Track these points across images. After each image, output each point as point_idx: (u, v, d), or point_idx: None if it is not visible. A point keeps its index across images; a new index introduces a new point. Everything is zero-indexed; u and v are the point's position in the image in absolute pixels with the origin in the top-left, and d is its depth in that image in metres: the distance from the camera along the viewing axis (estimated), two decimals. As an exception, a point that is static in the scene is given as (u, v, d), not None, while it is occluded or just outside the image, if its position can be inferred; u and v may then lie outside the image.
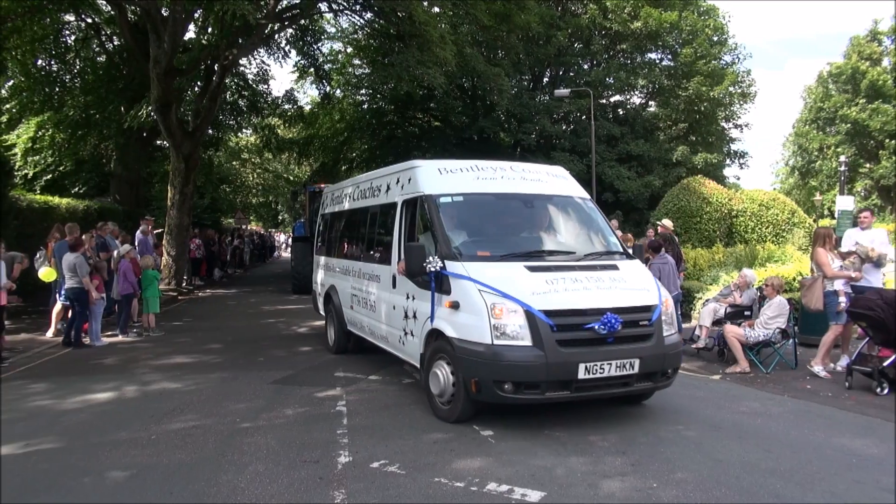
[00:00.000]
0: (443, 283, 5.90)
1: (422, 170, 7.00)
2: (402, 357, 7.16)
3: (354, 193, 9.25)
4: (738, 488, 4.46)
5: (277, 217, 56.71)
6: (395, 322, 7.07)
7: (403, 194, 7.16)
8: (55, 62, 21.35)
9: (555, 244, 6.78)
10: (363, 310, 8.25)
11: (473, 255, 6.02)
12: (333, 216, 10.47)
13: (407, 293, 6.70)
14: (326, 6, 19.73)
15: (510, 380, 5.34)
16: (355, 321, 8.66)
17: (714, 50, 28.87)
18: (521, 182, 7.02)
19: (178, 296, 17.23)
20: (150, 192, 25.34)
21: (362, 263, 8.40)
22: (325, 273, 10.36)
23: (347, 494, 4.37)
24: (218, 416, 6.28)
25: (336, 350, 9.38)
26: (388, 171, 8.06)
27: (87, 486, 4.56)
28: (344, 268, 9.30)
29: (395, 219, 7.22)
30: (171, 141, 18.38)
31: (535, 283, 5.61)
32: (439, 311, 5.93)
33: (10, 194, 13.94)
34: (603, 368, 5.42)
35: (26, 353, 9.42)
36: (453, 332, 5.67)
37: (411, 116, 29.31)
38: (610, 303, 5.58)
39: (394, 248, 7.13)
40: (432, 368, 6.06)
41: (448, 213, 6.47)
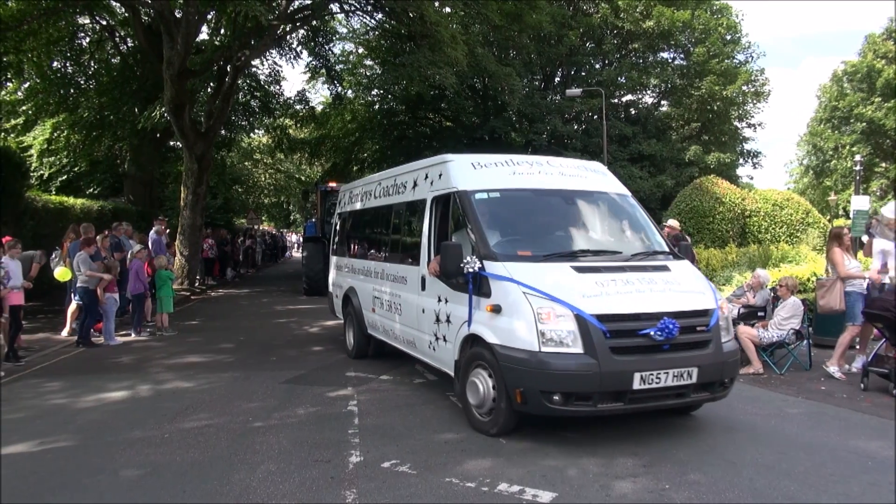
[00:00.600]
0: (482, 286, 5.54)
1: (454, 164, 6.58)
2: (432, 363, 6.74)
3: (376, 191, 8.83)
4: (751, 490, 4.43)
5: (289, 217, 56.97)
6: (424, 326, 6.68)
7: (433, 190, 6.76)
8: (70, 64, 21.58)
9: (600, 243, 6.35)
10: (387, 313, 7.85)
11: (514, 255, 5.62)
12: (352, 215, 10.06)
13: (438, 296, 6.31)
14: (338, 7, 19.80)
15: (559, 390, 4.95)
16: (377, 325, 8.27)
17: (727, 49, 28.67)
18: (560, 177, 6.63)
19: (190, 295, 17.34)
20: (164, 192, 25.55)
21: (386, 264, 7.98)
22: (344, 274, 9.94)
23: (358, 494, 4.38)
24: (230, 415, 6.32)
25: (356, 354, 9.01)
26: (415, 166, 7.61)
27: (102, 484, 4.60)
28: (365, 269, 8.86)
29: (423, 217, 6.82)
30: (184, 142, 18.51)
31: (585, 285, 5.23)
32: (477, 316, 5.58)
33: (26, 195, 14.09)
34: (659, 378, 5.03)
35: (42, 351, 9.52)
36: (494, 339, 5.30)
37: (422, 116, 29.34)
38: (666, 306, 5.20)
39: (423, 248, 6.73)
40: (469, 377, 5.67)
41: (484, 209, 6.05)
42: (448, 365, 6.21)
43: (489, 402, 5.48)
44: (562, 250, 5.89)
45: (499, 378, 5.29)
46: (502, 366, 5.18)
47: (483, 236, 5.79)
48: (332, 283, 10.63)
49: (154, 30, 18.23)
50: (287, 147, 28.29)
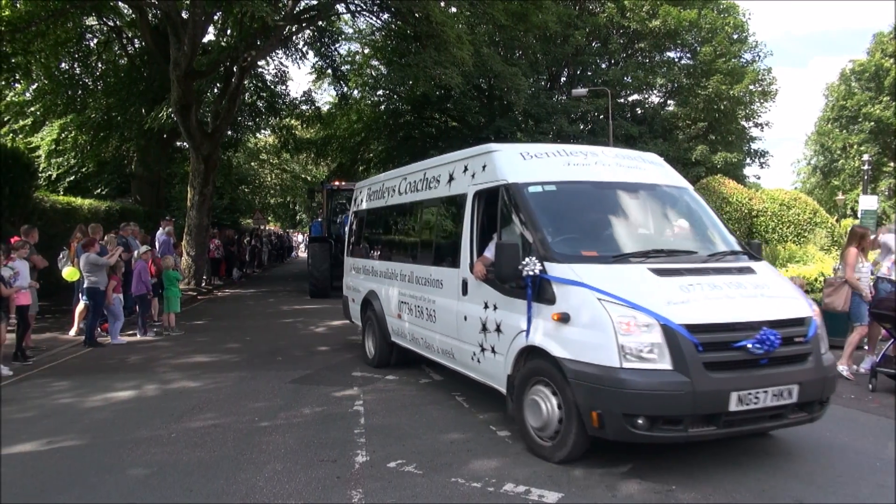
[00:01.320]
0: (543, 291, 4.89)
1: (501, 154, 5.95)
2: (475, 377, 6.09)
3: (401, 186, 8.17)
4: (758, 491, 4.41)
5: (295, 217, 57.11)
6: (466, 335, 6.05)
7: (475, 184, 6.15)
8: (78, 65, 21.68)
9: (671, 242, 5.77)
10: (416, 319, 7.21)
11: (578, 256, 5.02)
12: (371, 213, 9.36)
13: (485, 301, 5.68)
14: (344, 7, 19.82)
15: (645, 413, 4.31)
16: (403, 332, 7.63)
17: (734, 48, 28.57)
18: (618, 169, 6.00)
19: (197, 295, 17.40)
20: (171, 192, 25.68)
21: (415, 266, 7.34)
22: (362, 277, 9.24)
23: (364, 494, 4.38)
24: (237, 414, 6.33)
25: (377, 363, 8.38)
26: (450, 158, 6.98)
27: (109, 483, 4.62)
28: (388, 271, 8.18)
29: (463, 213, 6.22)
30: (190, 142, 18.59)
31: (668, 290, 4.61)
32: (538, 325, 4.93)
33: (34, 195, 14.17)
34: (758, 398, 4.40)
35: (50, 351, 9.57)
36: (563, 352, 4.64)
37: (428, 117, 29.36)
38: (762, 314, 4.58)
39: (463, 248, 6.12)
40: (528, 395, 5.04)
41: (539, 204, 5.42)
42: (497, 380, 5.57)
43: (553, 424, 4.83)
44: (631, 250, 5.25)
45: (567, 397, 4.65)
46: (573, 384, 4.55)
47: (541, 235, 5.15)
48: (346, 286, 10.06)
49: (161, 31, 18.32)
50: (293, 147, 28.36)
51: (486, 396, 6.67)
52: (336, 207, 19.46)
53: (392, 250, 8.42)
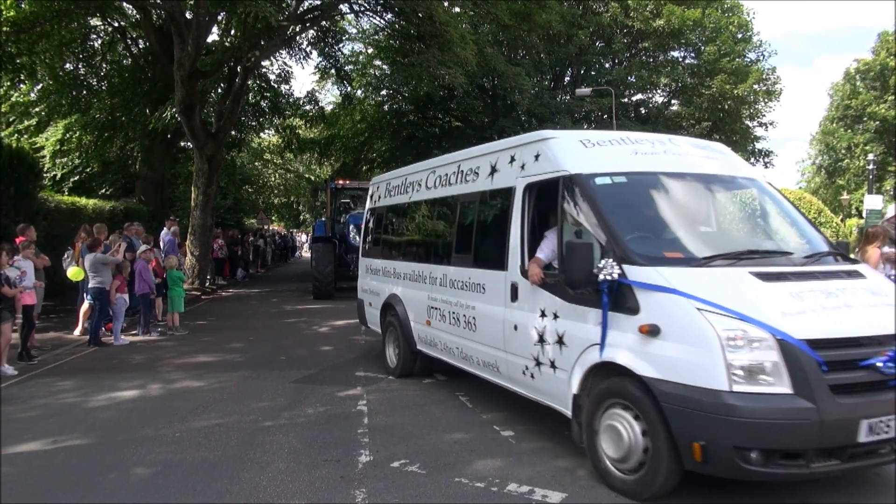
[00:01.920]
0: (624, 298, 4.26)
1: (559, 142, 5.32)
2: (527, 394, 5.47)
3: (429, 180, 7.52)
4: (762, 492, 4.40)
5: (299, 217, 57.17)
6: (515, 347, 5.42)
7: (526, 176, 5.52)
8: (82, 66, 21.76)
9: (763, 241, 5.24)
10: (450, 327, 6.59)
11: (661, 258, 4.39)
12: (393, 210, 8.66)
13: (542, 309, 5.05)
14: (347, 7, 19.84)
15: (761, 446, 3.67)
16: (433, 340, 7.03)
17: (738, 47, 28.49)
18: (691, 158, 5.40)
19: (201, 295, 17.44)
20: (175, 192, 25.72)
21: (449, 268, 6.68)
22: (381, 279, 8.57)
23: (368, 494, 4.38)
24: (240, 414, 6.34)
25: (400, 374, 7.81)
26: (491, 148, 6.36)
27: (113, 482, 4.63)
28: (414, 273, 7.53)
29: (511, 209, 5.59)
30: (194, 142, 18.62)
31: (778, 298, 3.99)
32: (617, 338, 4.28)
33: (39, 195, 14.22)
34: (889, 426, 3.77)
35: (54, 350, 9.60)
36: (652, 371, 4.01)
37: (432, 116, 29.36)
38: (889, 327, 3.96)
39: (511, 248, 5.51)
40: (603, 419, 4.38)
41: (609, 198, 4.78)
42: (557, 399, 4.95)
43: (637, 454, 4.16)
44: (721, 251, 4.62)
45: (656, 425, 3.99)
46: (667, 409, 3.91)
47: (615, 233, 4.51)
48: (362, 289, 9.40)
49: (165, 31, 18.35)
50: (297, 147, 28.39)
51: (490, 396, 6.68)
52: (340, 207, 19.33)
53: (419, 250, 7.71)
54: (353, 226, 17.18)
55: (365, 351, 9.76)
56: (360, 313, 9.50)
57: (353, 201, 19.71)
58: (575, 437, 4.72)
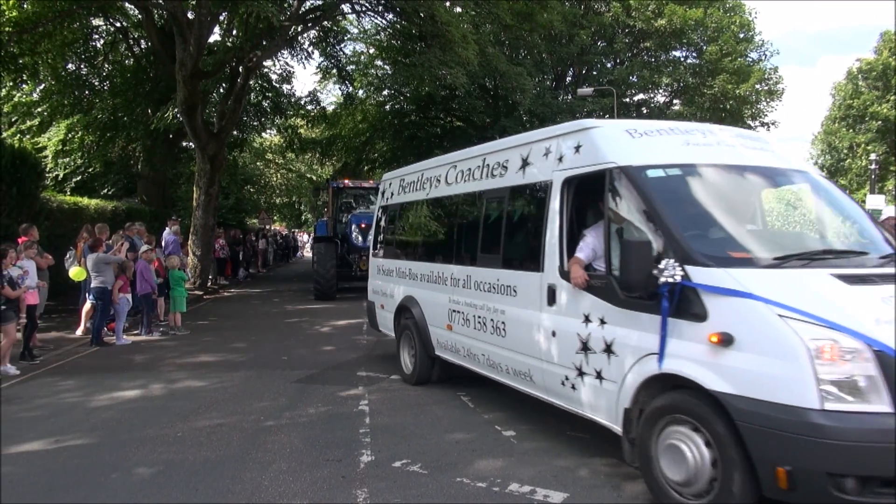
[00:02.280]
0: (689, 303, 3.85)
1: (602, 132, 4.89)
2: (565, 406, 5.03)
3: (449, 175, 7.09)
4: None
5: (301, 217, 57.20)
6: (553, 355, 5.01)
7: (564, 169, 5.09)
8: (84, 66, 21.79)
9: (832, 240, 4.85)
10: (475, 332, 6.19)
11: (727, 258, 3.97)
12: (408, 207, 8.18)
13: (585, 314, 4.63)
14: (349, 7, 19.84)
15: (858, 472, 3.27)
16: (455, 345, 6.63)
17: (740, 47, 28.48)
18: (744, 150, 4.97)
19: (203, 295, 17.46)
20: (176, 192, 25.76)
21: (474, 269, 6.26)
22: (395, 280, 8.17)
23: (370, 493, 4.39)
24: (242, 414, 6.35)
25: (416, 381, 7.43)
26: (522, 139, 5.97)
27: (115, 481, 4.64)
28: (433, 274, 7.10)
29: (546, 205, 5.19)
30: (196, 142, 18.64)
31: (869, 303, 3.58)
32: (680, 347, 3.87)
33: (41, 195, 14.24)
34: None
35: (57, 350, 9.62)
36: (724, 385, 3.58)
37: (433, 116, 29.38)
38: None
39: (548, 248, 5.09)
40: (661, 437, 3.96)
41: (663, 192, 4.38)
42: (604, 412, 4.50)
43: (704, 479, 3.72)
44: (792, 250, 4.24)
45: (728, 445, 3.56)
46: (744, 429, 3.47)
47: (674, 231, 4.09)
48: (373, 291, 8.98)
49: (167, 31, 18.37)
50: (298, 147, 28.40)
51: (491, 396, 6.69)
52: (342, 206, 19.21)
53: (438, 250, 7.29)
54: (355, 225, 17.12)
55: (366, 351, 9.77)
56: (370, 316, 9.11)
57: (356, 201, 19.63)
58: (626, 455, 4.30)
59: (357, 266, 16.76)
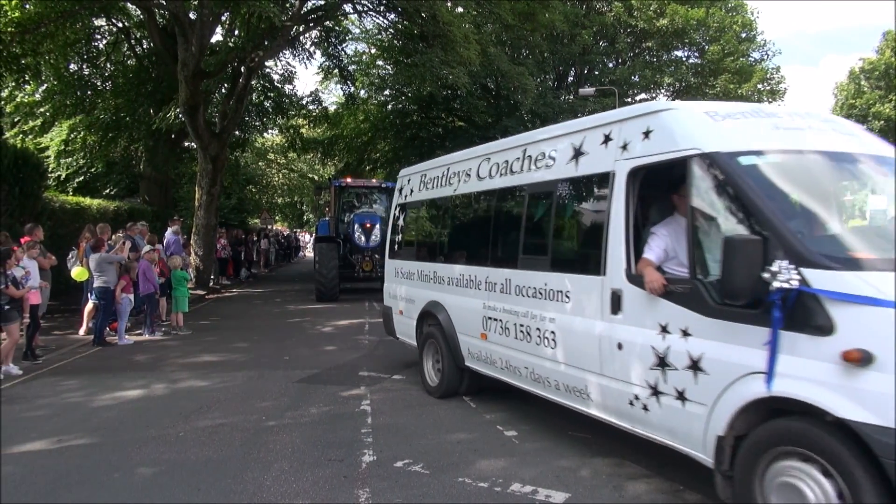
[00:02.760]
0: (809, 313, 3.26)
1: (679, 114, 4.26)
2: (633, 429, 4.37)
3: (481, 169, 6.46)
4: (766, 492, 4.38)
5: (302, 217, 57.24)
6: (619, 370, 4.37)
7: (631, 158, 4.44)
8: (87, 66, 21.84)
9: None
10: (516, 342, 5.55)
11: (848, 259, 3.41)
12: (432, 205, 7.60)
13: (662, 324, 4.01)
14: (351, 7, 19.87)
15: None
16: (490, 356, 6.01)
17: (742, 47, 28.50)
18: (837, 136, 4.35)
19: (205, 295, 17.47)
20: (179, 192, 25.79)
21: (515, 272, 5.63)
22: (417, 284, 7.55)
23: (371, 493, 4.39)
24: (244, 413, 6.36)
25: (443, 393, 6.85)
26: (573, 126, 5.29)
27: (118, 481, 4.65)
28: (464, 277, 6.47)
29: (608, 199, 4.54)
30: (198, 142, 18.67)
31: None
32: (795, 365, 3.28)
33: (43, 196, 14.27)
34: None
35: (59, 350, 9.63)
36: (863, 413, 2.99)
37: (435, 116, 29.40)
38: None
39: (611, 248, 4.47)
40: (770, 473, 3.39)
41: (760, 183, 3.76)
42: (688, 438, 3.88)
43: None
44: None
45: (863, 486, 2.99)
46: (890, 467, 2.89)
47: (782, 227, 3.48)
48: (390, 295, 8.40)
49: (169, 31, 18.40)
50: (300, 147, 28.44)
51: (493, 396, 6.68)
52: (345, 206, 19.05)
53: (469, 251, 6.68)
54: (358, 225, 16.94)
55: (368, 351, 9.77)
56: (386, 322, 8.50)
57: (358, 199, 19.48)
58: (720, 491, 3.70)
59: (360, 267, 16.64)
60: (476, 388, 6.80)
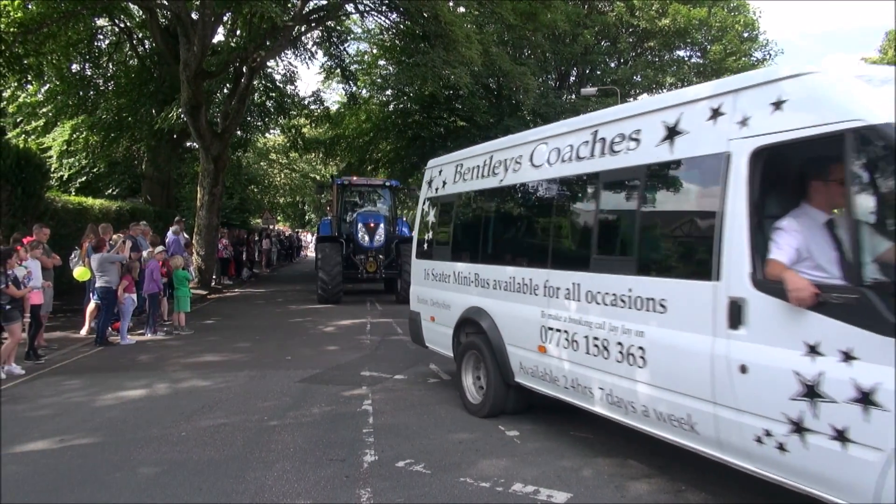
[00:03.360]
0: None
1: (825, 79, 3.43)
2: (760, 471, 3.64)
3: (537, 155, 5.66)
4: (768, 492, 4.37)
5: (304, 217, 57.30)
6: (743, 400, 3.58)
7: (754, 135, 3.65)
8: (89, 66, 21.88)
9: None
10: (588, 357, 4.71)
11: None
12: (471, 198, 6.84)
13: (811, 343, 3.24)
14: (353, 7, 19.89)
15: None
16: (551, 373, 5.19)
17: (744, 46, 28.48)
18: None
19: (207, 295, 17.49)
20: (181, 192, 25.84)
21: (585, 274, 4.78)
22: (453, 287, 6.82)
23: (373, 493, 4.39)
24: (246, 413, 6.36)
25: (487, 412, 6.05)
26: (664, 101, 4.53)
27: (120, 481, 4.65)
28: (516, 281, 5.69)
29: (722, 186, 3.76)
30: (200, 142, 18.69)
31: None
32: None
33: (46, 195, 14.29)
34: None
35: (62, 350, 9.64)
36: None
37: (437, 116, 29.40)
38: None
39: (726, 246, 3.70)
40: None
41: None
42: (850, 490, 3.08)
43: None
44: None
45: None
46: None
47: None
48: (419, 299, 7.64)
49: (171, 32, 18.44)
50: (302, 147, 28.47)
51: (495, 396, 6.67)
52: (347, 205, 18.59)
53: (521, 250, 5.94)
54: (362, 224, 16.47)
55: (370, 351, 9.78)
56: (413, 330, 7.81)
57: (360, 198, 19.09)
58: None
59: (364, 267, 16.20)
60: (525, 407, 6.08)
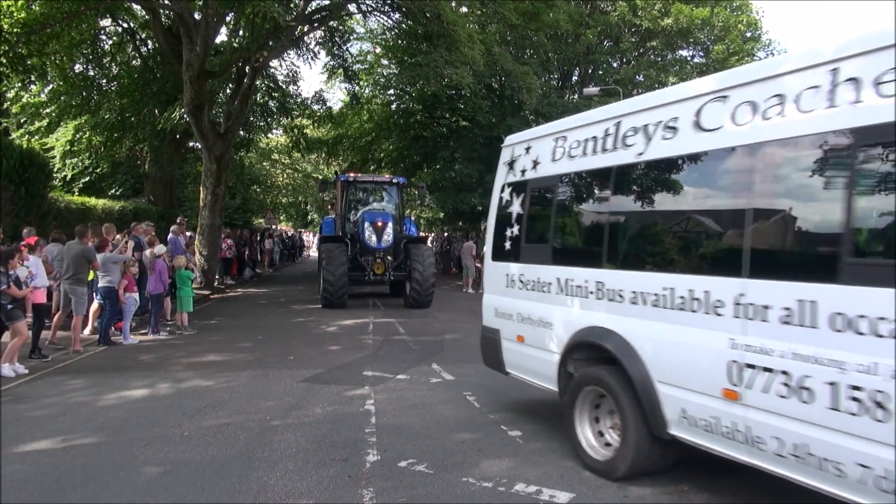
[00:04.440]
0: None
1: None
2: None
3: (709, 115, 4.07)
4: (771, 492, 4.37)
5: (307, 216, 57.34)
6: None
7: None
8: (92, 67, 21.90)
9: None
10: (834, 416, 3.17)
11: None
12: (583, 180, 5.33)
13: None
14: (355, 7, 19.90)
15: None
16: (749, 430, 3.65)
17: (747, 46, 28.41)
18: None
19: (209, 295, 17.51)
20: (183, 192, 25.88)
21: (832, 288, 3.20)
22: (558, 300, 5.26)
23: (375, 493, 4.39)
24: (249, 413, 6.37)
25: (622, 474, 4.48)
26: None
27: (123, 480, 4.66)
28: (682, 293, 4.06)
29: None
30: (203, 142, 18.72)
31: None
32: None
33: (49, 196, 14.33)
34: None
35: (65, 349, 9.66)
36: None
37: (439, 116, 29.41)
38: None
39: None
40: None
41: None
42: None
43: None
44: None
45: None
46: None
47: None
48: (497, 313, 6.13)
49: (174, 32, 18.47)
50: (304, 147, 28.50)
51: (497, 396, 6.69)
52: (352, 203, 17.80)
53: (688, 250, 4.30)
54: (369, 223, 15.50)
55: (372, 351, 9.78)
56: (487, 351, 6.30)
57: (365, 194, 18.35)
58: None
59: (371, 269, 15.29)
60: (671, 465, 4.59)
